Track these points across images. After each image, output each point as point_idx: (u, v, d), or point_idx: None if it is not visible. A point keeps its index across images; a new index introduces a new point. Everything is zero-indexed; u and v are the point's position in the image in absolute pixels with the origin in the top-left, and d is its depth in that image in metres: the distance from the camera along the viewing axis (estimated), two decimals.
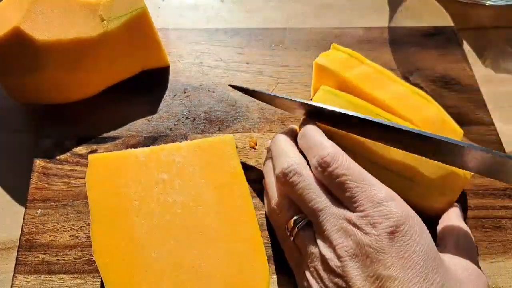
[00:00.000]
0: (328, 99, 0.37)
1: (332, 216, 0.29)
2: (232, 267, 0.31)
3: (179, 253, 0.31)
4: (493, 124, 0.45)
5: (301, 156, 0.33)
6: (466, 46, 0.52)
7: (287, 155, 0.33)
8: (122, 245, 0.32)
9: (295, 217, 0.31)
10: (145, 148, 0.36)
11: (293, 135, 0.36)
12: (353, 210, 0.29)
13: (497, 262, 0.37)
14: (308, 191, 0.30)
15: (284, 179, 0.31)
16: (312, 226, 0.31)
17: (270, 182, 0.35)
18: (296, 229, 0.31)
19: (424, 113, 0.38)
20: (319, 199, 0.30)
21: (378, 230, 0.27)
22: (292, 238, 0.32)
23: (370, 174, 0.30)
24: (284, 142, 0.35)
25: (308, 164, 0.32)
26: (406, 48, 0.50)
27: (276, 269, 0.35)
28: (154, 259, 0.31)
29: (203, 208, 0.33)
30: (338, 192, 0.30)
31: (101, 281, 0.33)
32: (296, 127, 0.38)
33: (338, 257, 0.28)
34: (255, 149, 0.42)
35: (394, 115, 0.37)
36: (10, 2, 0.38)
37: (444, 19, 0.54)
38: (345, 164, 0.30)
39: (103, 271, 0.31)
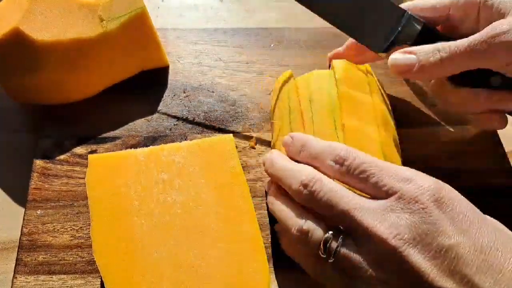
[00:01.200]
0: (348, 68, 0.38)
1: (368, 211, 0.27)
2: (232, 267, 0.31)
3: (179, 253, 0.32)
4: None
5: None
6: None
7: (297, 169, 0.31)
8: (122, 245, 0.32)
9: (326, 235, 0.28)
10: (145, 149, 0.36)
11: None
12: (384, 196, 0.27)
13: None
14: (335, 193, 0.28)
15: (306, 191, 0.29)
16: (349, 238, 0.28)
17: (282, 210, 0.31)
18: (335, 247, 0.27)
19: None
20: (348, 198, 0.28)
21: (424, 203, 0.26)
22: (331, 260, 0.28)
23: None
24: (285, 161, 0.33)
25: None
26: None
27: (277, 269, 0.35)
28: (154, 259, 0.31)
29: (203, 208, 0.33)
30: (362, 183, 0.28)
31: (101, 281, 0.33)
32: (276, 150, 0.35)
33: (394, 249, 0.25)
34: (255, 148, 0.42)
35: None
36: (9, 3, 0.38)
37: None
38: (360, 155, 0.29)
39: (103, 271, 0.31)
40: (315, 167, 0.31)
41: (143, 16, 0.41)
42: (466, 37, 0.34)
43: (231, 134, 0.37)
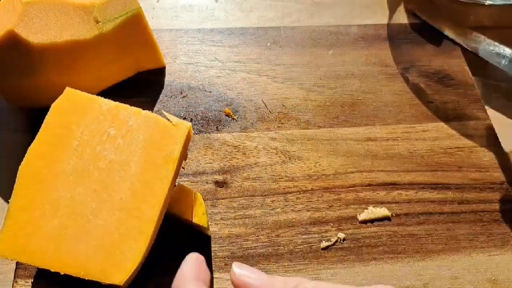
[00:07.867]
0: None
1: None
2: (113, 236, 0.31)
3: (80, 201, 0.32)
4: (488, 119, 0.45)
5: None
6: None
7: None
8: (43, 172, 0.33)
9: None
10: (112, 102, 0.36)
11: None
12: None
13: (495, 256, 0.37)
14: None
15: None
16: None
17: None
18: None
19: None
20: None
21: None
22: None
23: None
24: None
25: None
26: (402, 45, 0.51)
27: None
28: (58, 196, 0.32)
29: (124, 174, 0.34)
30: None
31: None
32: None
33: None
34: (234, 119, 0.43)
35: None
36: (3, 5, 0.38)
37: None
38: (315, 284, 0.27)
39: (16, 191, 0.32)
40: None
41: (139, 17, 0.41)
42: None
43: (190, 123, 0.37)
